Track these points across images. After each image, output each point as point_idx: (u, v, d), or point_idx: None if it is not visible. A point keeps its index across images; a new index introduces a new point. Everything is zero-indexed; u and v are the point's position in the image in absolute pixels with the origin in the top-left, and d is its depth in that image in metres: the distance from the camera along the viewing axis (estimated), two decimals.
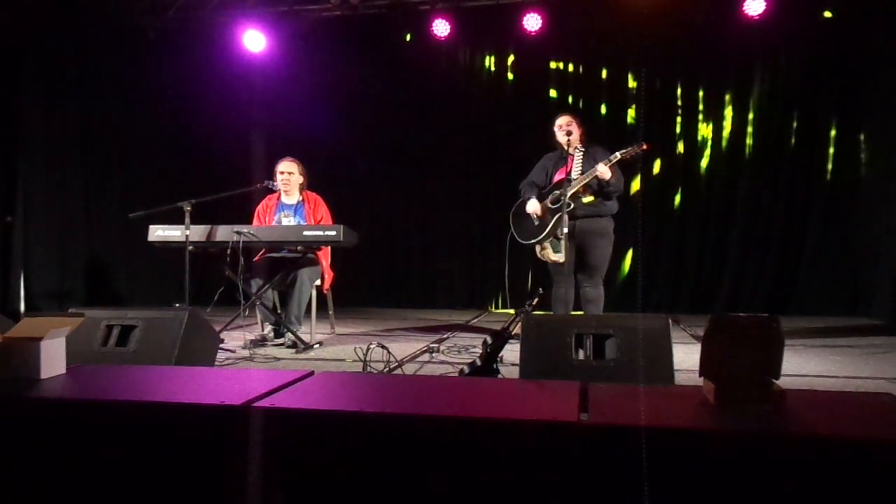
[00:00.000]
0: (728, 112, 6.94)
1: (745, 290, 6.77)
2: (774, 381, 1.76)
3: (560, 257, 4.40)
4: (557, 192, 4.42)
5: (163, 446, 1.74)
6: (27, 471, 1.79)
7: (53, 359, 2.13)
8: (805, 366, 3.70)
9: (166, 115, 7.85)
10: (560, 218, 4.34)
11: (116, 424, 1.77)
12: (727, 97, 6.93)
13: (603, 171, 4.25)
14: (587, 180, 4.33)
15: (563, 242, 4.34)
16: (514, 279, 7.14)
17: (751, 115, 6.87)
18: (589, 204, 4.42)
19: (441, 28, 7.08)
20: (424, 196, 7.80)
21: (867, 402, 1.86)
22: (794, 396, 1.77)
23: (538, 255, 4.59)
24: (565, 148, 4.47)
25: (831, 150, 6.62)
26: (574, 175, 4.36)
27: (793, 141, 6.70)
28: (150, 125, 7.62)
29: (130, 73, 7.36)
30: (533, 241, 4.57)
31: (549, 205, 4.49)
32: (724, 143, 6.94)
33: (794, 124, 6.69)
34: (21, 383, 2.01)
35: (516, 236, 4.69)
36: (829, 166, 6.61)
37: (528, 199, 4.61)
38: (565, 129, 4.50)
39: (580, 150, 4.53)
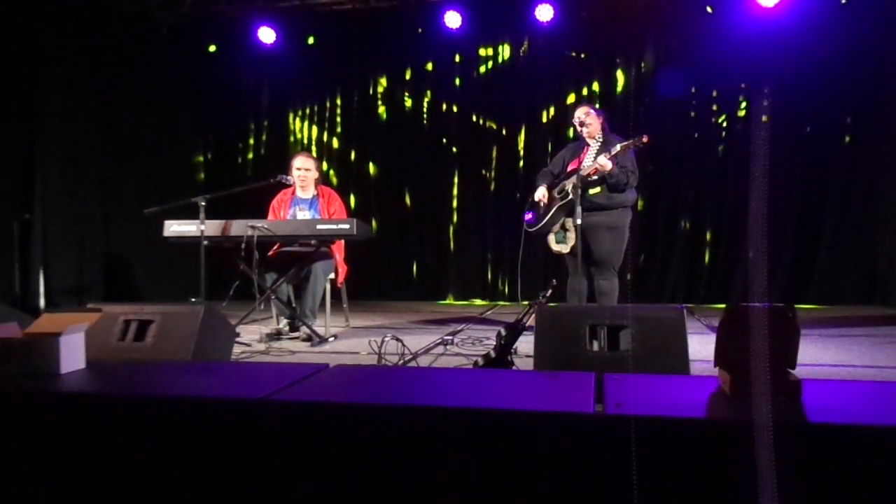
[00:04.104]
0: (743, 101, 6.86)
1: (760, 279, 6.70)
2: (790, 370, 1.75)
3: (564, 248, 4.37)
4: (564, 182, 4.41)
5: (181, 440, 1.76)
6: (46, 464, 1.82)
7: (73, 354, 2.16)
8: (822, 355, 3.67)
9: (181, 111, 7.92)
10: (561, 209, 4.34)
11: (135, 419, 1.79)
12: (742, 86, 6.85)
13: (604, 163, 4.16)
14: (588, 171, 4.26)
15: (568, 234, 4.33)
16: (528, 270, 7.18)
17: (766, 104, 6.79)
18: (595, 196, 4.32)
19: (453, 20, 7.08)
20: (437, 189, 7.79)
21: (884, 391, 1.84)
22: (810, 386, 1.76)
23: (550, 246, 4.56)
24: (584, 139, 4.49)
25: (847, 139, 6.54)
26: (584, 166, 4.33)
27: (808, 129, 6.63)
28: (165, 121, 7.69)
29: (145, 69, 7.41)
30: (534, 228, 4.56)
31: (556, 195, 4.46)
32: (738, 132, 6.87)
33: (811, 112, 6.61)
34: (41, 378, 2.04)
35: (525, 225, 4.66)
36: (846, 154, 6.53)
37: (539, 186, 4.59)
38: (580, 120, 4.46)
39: (597, 142, 4.46)
